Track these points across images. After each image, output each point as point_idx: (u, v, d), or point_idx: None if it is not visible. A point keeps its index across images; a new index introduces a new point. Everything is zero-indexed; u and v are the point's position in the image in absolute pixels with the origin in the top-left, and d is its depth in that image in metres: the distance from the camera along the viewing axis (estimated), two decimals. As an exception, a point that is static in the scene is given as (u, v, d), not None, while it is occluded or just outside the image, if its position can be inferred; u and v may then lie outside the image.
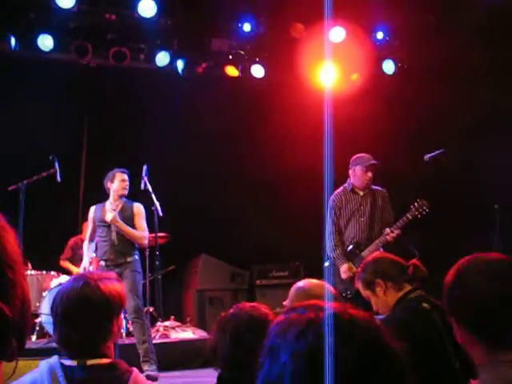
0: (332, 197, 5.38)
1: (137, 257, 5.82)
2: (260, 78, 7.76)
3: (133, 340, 5.71)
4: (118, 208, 5.79)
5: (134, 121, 7.61)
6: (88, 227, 5.98)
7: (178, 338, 6.46)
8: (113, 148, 7.39)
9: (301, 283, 2.64)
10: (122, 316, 2.14)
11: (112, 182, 5.80)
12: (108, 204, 5.83)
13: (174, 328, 6.66)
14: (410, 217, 5.03)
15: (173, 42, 7.36)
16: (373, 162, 5.19)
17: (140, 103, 7.62)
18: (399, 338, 2.41)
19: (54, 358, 1.90)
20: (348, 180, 5.34)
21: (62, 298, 1.93)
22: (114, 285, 2.00)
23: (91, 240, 5.96)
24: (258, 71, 7.72)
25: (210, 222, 7.85)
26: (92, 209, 5.93)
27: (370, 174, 5.23)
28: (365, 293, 2.83)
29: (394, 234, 5.06)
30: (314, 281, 2.65)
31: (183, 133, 7.71)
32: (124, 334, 6.42)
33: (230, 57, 7.71)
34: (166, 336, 6.48)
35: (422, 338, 2.47)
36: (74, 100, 7.44)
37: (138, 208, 5.86)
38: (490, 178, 6.25)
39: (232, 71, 7.81)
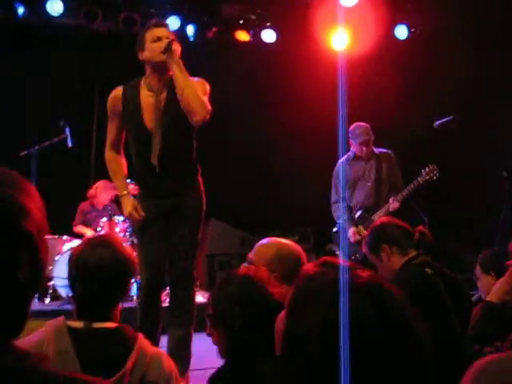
0: (336, 166, 5.42)
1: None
2: (271, 43, 7.69)
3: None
4: (163, 95, 3.68)
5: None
6: (109, 128, 3.82)
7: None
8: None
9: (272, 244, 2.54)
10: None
11: (143, 48, 3.68)
12: (143, 85, 3.72)
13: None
14: (421, 181, 5.04)
15: (183, 7, 7.30)
16: (365, 138, 5.18)
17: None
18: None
19: (60, 319, 1.91)
20: (351, 147, 5.37)
21: (92, 255, 1.95)
22: (129, 249, 2.04)
23: (114, 147, 3.81)
24: (269, 36, 7.65)
25: (220, 187, 7.87)
26: (117, 93, 3.78)
27: (365, 149, 5.24)
28: (370, 257, 2.86)
29: (398, 204, 5.08)
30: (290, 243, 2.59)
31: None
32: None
33: (241, 22, 7.64)
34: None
35: (424, 301, 2.50)
36: (84, 65, 7.43)
37: (201, 81, 3.79)
38: (502, 144, 6.22)
39: (243, 36, 7.74)
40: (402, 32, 7.76)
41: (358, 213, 5.30)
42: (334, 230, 5.52)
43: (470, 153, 5.72)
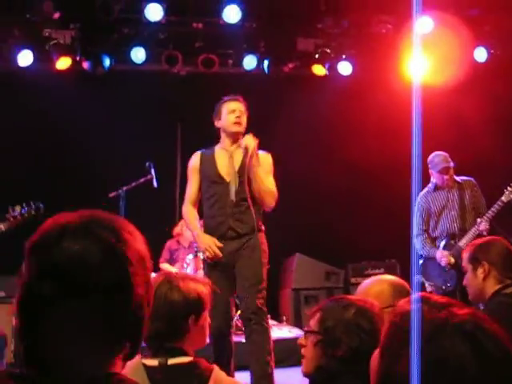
0: (418, 199, 5.32)
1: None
2: (347, 76, 7.70)
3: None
4: (236, 154, 4.22)
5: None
6: (188, 185, 4.39)
7: (275, 337, 6.53)
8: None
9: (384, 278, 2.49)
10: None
11: (219, 117, 4.31)
12: (218, 150, 4.29)
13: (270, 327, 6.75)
14: (505, 200, 4.87)
15: (259, 45, 7.46)
16: (444, 165, 5.05)
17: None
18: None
19: (136, 358, 1.95)
20: (431, 178, 5.26)
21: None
22: (197, 284, 2.07)
23: (194, 203, 4.37)
24: (345, 68, 7.67)
25: (304, 221, 7.88)
26: (197, 157, 4.36)
27: (446, 177, 5.11)
28: (467, 266, 2.72)
29: (487, 224, 4.91)
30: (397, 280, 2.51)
31: (274, 133, 7.79)
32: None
33: (317, 56, 7.71)
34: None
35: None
36: (167, 108, 7.71)
37: (265, 157, 4.29)
38: None
39: (319, 70, 7.80)
40: (481, 55, 7.57)
41: (444, 241, 5.16)
42: (420, 261, 5.39)
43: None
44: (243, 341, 4.46)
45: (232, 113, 4.26)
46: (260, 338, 4.12)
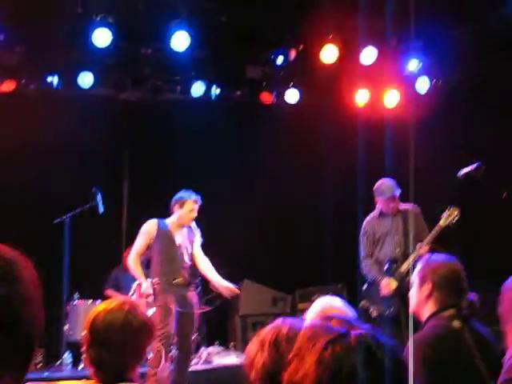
0: (363, 224, 5.43)
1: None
2: (295, 104, 7.82)
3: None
4: (181, 235, 5.57)
5: (173, 151, 7.77)
6: (139, 240, 5.58)
7: (222, 364, 6.49)
8: (153, 179, 7.55)
9: (319, 300, 2.55)
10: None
11: (181, 207, 5.50)
12: (171, 227, 5.53)
13: (217, 353, 6.70)
14: (442, 225, 5.01)
15: (207, 72, 7.51)
16: (391, 193, 5.19)
17: (178, 133, 7.77)
18: (429, 357, 2.37)
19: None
20: (377, 205, 5.38)
21: (104, 320, 1.99)
22: (149, 313, 2.07)
23: (141, 255, 5.64)
24: (292, 96, 7.78)
25: (251, 247, 7.90)
26: (154, 223, 5.53)
27: (391, 204, 5.24)
28: (414, 278, 2.71)
29: (427, 248, 5.04)
30: (334, 298, 2.55)
31: (222, 160, 7.83)
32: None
33: (264, 83, 7.82)
34: (209, 362, 6.51)
35: (452, 357, 2.42)
36: (115, 133, 7.65)
37: (199, 237, 5.70)
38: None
39: (267, 97, 7.90)
40: (423, 84, 7.81)
41: (387, 265, 5.27)
42: (365, 286, 5.47)
43: (496, 200, 5.68)
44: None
45: (193, 212, 5.46)
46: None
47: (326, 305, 2.48)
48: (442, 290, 2.61)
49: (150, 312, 4.97)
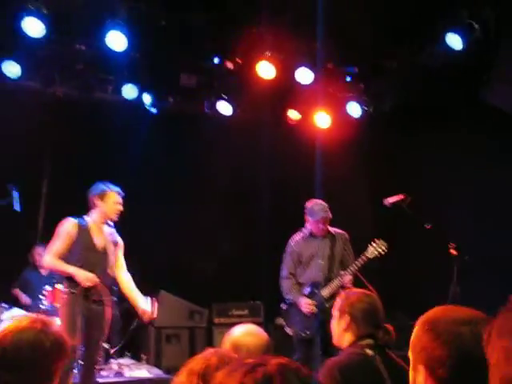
0: (289, 242, 5.41)
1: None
2: (228, 116, 7.79)
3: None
4: (103, 235, 5.00)
5: (98, 151, 7.54)
6: (59, 241, 4.92)
7: (133, 377, 6.29)
8: (75, 178, 7.28)
9: (231, 332, 2.61)
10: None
11: (102, 200, 4.95)
12: (91, 224, 4.95)
13: (128, 366, 6.50)
14: (369, 256, 5.07)
15: (141, 75, 7.35)
16: (323, 215, 5.22)
17: (106, 135, 7.56)
18: (344, 381, 2.43)
19: None
20: (306, 224, 5.37)
21: (12, 340, 1.83)
22: (59, 329, 1.94)
23: (59, 257, 4.93)
24: (225, 108, 7.75)
25: (171, 260, 7.77)
26: (74, 223, 4.93)
27: (322, 227, 5.26)
28: (334, 312, 2.87)
29: (350, 277, 5.09)
30: (248, 328, 2.62)
31: (147, 167, 7.67)
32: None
33: (198, 92, 7.74)
34: (121, 374, 6.31)
35: (365, 383, 2.53)
36: (38, 128, 7.34)
37: (121, 242, 5.18)
38: (452, 222, 6.36)
39: (199, 107, 7.84)
40: (354, 110, 7.97)
41: (308, 289, 5.26)
42: (284, 306, 5.45)
43: (419, 230, 5.85)
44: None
45: (119, 205, 4.98)
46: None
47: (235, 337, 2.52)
48: (358, 323, 2.78)
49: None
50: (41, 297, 6.35)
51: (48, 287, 6.41)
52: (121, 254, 5.15)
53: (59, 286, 6.44)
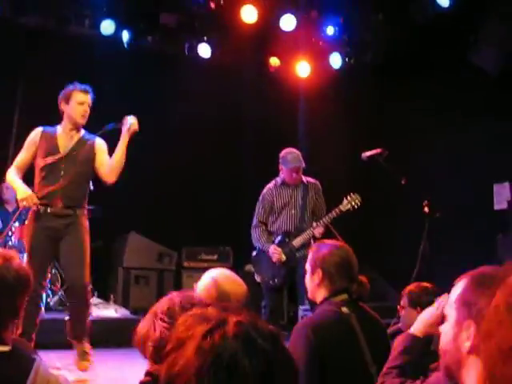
0: (263, 191, 5.38)
1: (86, 209, 4.61)
2: (207, 58, 7.62)
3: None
4: (73, 141, 4.51)
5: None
6: (22, 153, 4.54)
7: (100, 316, 6.31)
8: (47, 113, 7.10)
9: (215, 273, 2.59)
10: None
11: (67, 102, 4.50)
12: (60, 133, 4.51)
13: (96, 305, 6.51)
14: (343, 209, 5.08)
15: (119, 12, 7.11)
16: (296, 164, 5.18)
17: (82, 70, 7.33)
18: (313, 341, 2.42)
19: None
20: (280, 173, 5.34)
21: None
22: (22, 263, 1.89)
23: (20, 170, 4.51)
24: (204, 51, 7.58)
25: (143, 200, 7.70)
26: (39, 131, 4.54)
27: (295, 175, 5.23)
28: (307, 266, 2.80)
29: (321, 230, 5.10)
30: (229, 275, 2.60)
31: (123, 105, 7.49)
32: (43, 308, 6.23)
33: (178, 32, 7.54)
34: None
35: (339, 342, 2.49)
36: (9, 60, 7.09)
37: (102, 144, 4.60)
38: (424, 181, 6.41)
39: (178, 48, 7.65)
40: (336, 60, 7.86)
41: (279, 238, 5.27)
42: (254, 254, 5.46)
43: (394, 187, 5.88)
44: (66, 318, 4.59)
45: (81, 105, 4.48)
46: (83, 316, 4.49)
47: (217, 280, 2.49)
48: (331, 277, 2.69)
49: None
50: (9, 233, 6.27)
51: (16, 224, 6.33)
52: (104, 157, 4.60)
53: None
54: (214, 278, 2.53)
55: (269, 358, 0.98)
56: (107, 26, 7.05)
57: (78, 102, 4.46)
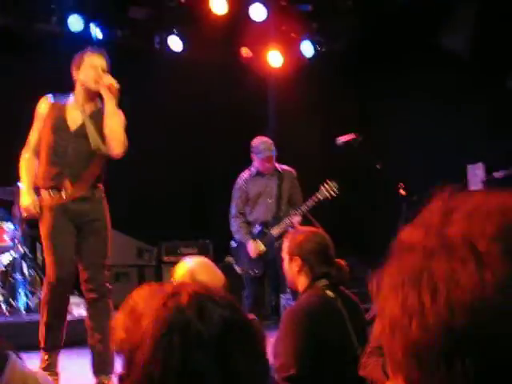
0: (237, 180, 5.37)
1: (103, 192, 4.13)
2: (178, 52, 7.57)
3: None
4: (87, 111, 3.98)
5: (43, 87, 7.21)
6: (33, 129, 4.02)
7: (81, 315, 6.25)
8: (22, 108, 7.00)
9: (191, 264, 2.58)
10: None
11: (78, 68, 3.96)
12: (72, 103, 3.98)
13: (76, 304, 6.45)
14: (320, 197, 5.09)
15: (87, 6, 7.01)
16: (267, 154, 5.17)
17: (50, 69, 7.23)
18: (306, 326, 2.44)
19: None
20: (253, 162, 5.33)
21: None
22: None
23: (35, 152, 3.99)
24: (175, 44, 7.52)
25: (119, 197, 7.62)
26: (48, 101, 4.01)
27: (267, 165, 5.22)
28: (284, 255, 2.80)
29: (299, 218, 5.11)
30: (206, 264, 2.59)
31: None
32: (23, 310, 6.18)
33: (147, 26, 7.48)
34: (69, 312, 6.25)
35: (328, 324, 2.50)
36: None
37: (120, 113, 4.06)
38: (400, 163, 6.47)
39: (149, 41, 7.59)
40: (307, 49, 7.86)
41: (257, 228, 5.27)
42: (233, 244, 5.46)
43: (369, 172, 5.92)
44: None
45: (94, 68, 3.89)
46: (106, 317, 3.88)
47: (193, 269, 2.48)
48: (311, 264, 2.70)
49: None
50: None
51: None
52: None
53: (4, 224, 6.31)
54: (190, 269, 2.52)
55: (225, 324, 0.99)
56: (74, 22, 6.95)
57: (90, 65, 3.91)
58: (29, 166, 3.97)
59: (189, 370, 0.95)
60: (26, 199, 3.86)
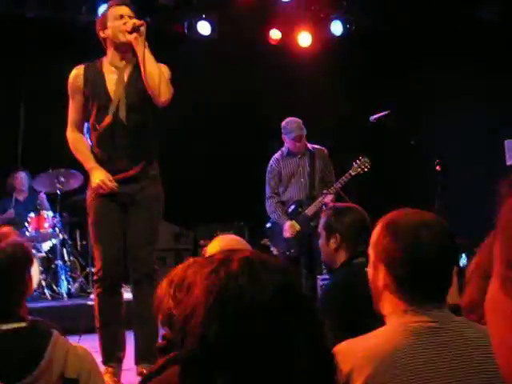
0: (270, 162, 5.39)
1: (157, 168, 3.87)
2: (207, 36, 7.57)
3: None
4: (125, 76, 3.60)
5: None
6: (71, 107, 3.64)
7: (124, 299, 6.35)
8: (52, 102, 7.11)
9: (221, 239, 2.51)
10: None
11: (104, 26, 3.59)
12: (106, 67, 3.61)
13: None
14: (353, 174, 5.07)
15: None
16: (297, 133, 5.15)
17: (82, 57, 7.30)
18: (343, 300, 2.42)
19: None
20: (285, 144, 5.34)
21: None
22: (17, 239, 1.90)
23: (79, 129, 3.67)
24: (204, 28, 7.52)
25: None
26: (80, 72, 3.61)
27: (298, 144, 5.21)
28: (321, 231, 2.75)
29: (332, 196, 5.09)
30: (236, 239, 2.56)
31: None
32: (65, 294, 6.32)
33: (176, 11, 7.49)
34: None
35: (364, 303, 2.48)
36: (10, 52, 7.08)
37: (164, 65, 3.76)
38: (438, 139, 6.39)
39: (178, 27, 7.61)
40: (337, 28, 7.78)
41: (292, 207, 5.28)
42: (268, 225, 5.48)
43: (405, 147, 5.83)
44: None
45: (120, 19, 3.52)
46: (151, 300, 3.64)
47: (227, 244, 2.46)
48: (349, 240, 2.65)
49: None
50: (26, 224, 6.31)
51: (32, 214, 6.37)
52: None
53: (44, 212, 6.44)
54: (222, 246, 2.49)
55: (277, 290, 0.98)
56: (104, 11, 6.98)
57: (115, 17, 3.53)
58: (81, 145, 3.64)
59: (243, 335, 0.96)
60: (98, 175, 3.54)
